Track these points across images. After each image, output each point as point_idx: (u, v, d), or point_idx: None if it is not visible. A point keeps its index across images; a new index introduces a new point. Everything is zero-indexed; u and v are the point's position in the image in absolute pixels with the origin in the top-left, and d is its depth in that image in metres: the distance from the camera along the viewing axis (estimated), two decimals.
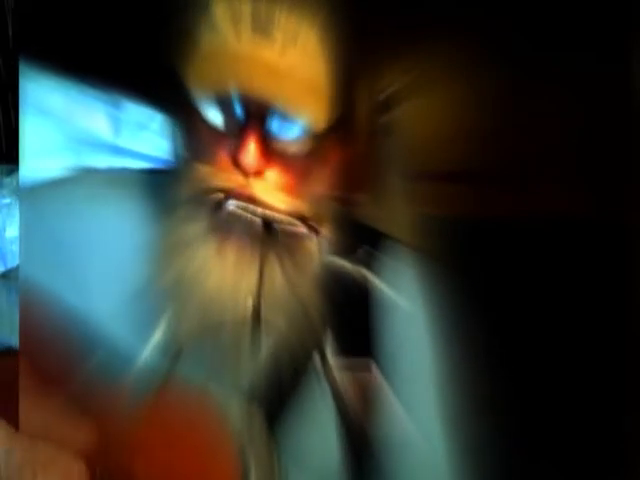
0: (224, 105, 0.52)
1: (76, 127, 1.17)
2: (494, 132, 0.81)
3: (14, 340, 0.61)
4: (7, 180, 0.68)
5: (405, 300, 0.61)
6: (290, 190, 0.54)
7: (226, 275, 0.54)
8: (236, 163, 0.53)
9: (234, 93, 0.52)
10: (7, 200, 0.67)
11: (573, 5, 0.75)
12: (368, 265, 0.61)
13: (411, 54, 0.76)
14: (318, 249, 0.57)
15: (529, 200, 0.80)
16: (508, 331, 0.80)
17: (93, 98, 1.16)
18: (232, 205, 0.53)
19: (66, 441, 0.48)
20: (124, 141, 1.19)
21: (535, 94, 0.79)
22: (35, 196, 0.61)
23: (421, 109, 0.79)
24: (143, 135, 1.16)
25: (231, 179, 0.53)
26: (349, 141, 0.56)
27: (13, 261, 0.66)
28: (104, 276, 0.58)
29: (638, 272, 0.74)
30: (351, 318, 0.60)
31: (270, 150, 0.53)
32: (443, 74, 0.80)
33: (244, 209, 0.53)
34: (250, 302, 0.54)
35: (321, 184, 0.56)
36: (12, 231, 0.67)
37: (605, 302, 0.78)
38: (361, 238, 0.61)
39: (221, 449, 0.51)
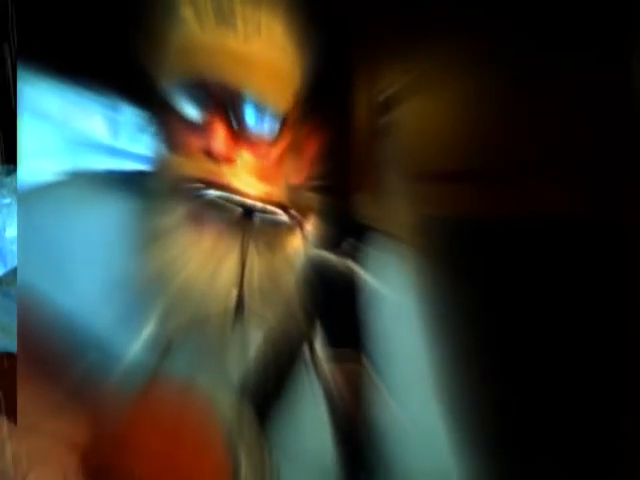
0: (193, 96, 0.53)
1: (74, 130, 1.16)
2: (494, 132, 0.81)
3: (7, 343, 0.60)
4: (7, 180, 0.68)
5: (392, 291, 0.61)
6: (263, 176, 0.54)
7: (210, 267, 0.54)
8: (207, 151, 0.53)
9: (201, 83, 0.52)
10: (7, 200, 0.67)
11: (573, 5, 0.75)
12: (353, 257, 0.61)
13: (411, 54, 0.76)
14: (303, 241, 0.57)
15: (529, 200, 0.80)
16: (509, 330, 0.80)
17: (90, 100, 1.16)
18: (212, 195, 0.53)
19: (60, 436, 0.48)
20: (122, 143, 1.18)
21: (535, 94, 0.79)
22: (31, 201, 0.61)
23: (421, 109, 0.79)
24: (141, 137, 1.16)
25: (204, 168, 0.53)
26: (323, 131, 0.56)
27: (13, 261, 0.65)
28: (98, 276, 0.58)
29: (638, 272, 0.74)
30: (338, 310, 0.60)
31: (239, 136, 0.53)
32: (443, 74, 0.80)
33: (224, 199, 0.53)
34: (234, 293, 0.54)
35: (296, 172, 0.56)
36: (12, 231, 0.66)
37: (605, 302, 0.78)
38: (346, 230, 0.62)
39: (212, 443, 0.51)
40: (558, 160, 0.79)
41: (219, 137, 0.53)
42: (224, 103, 0.53)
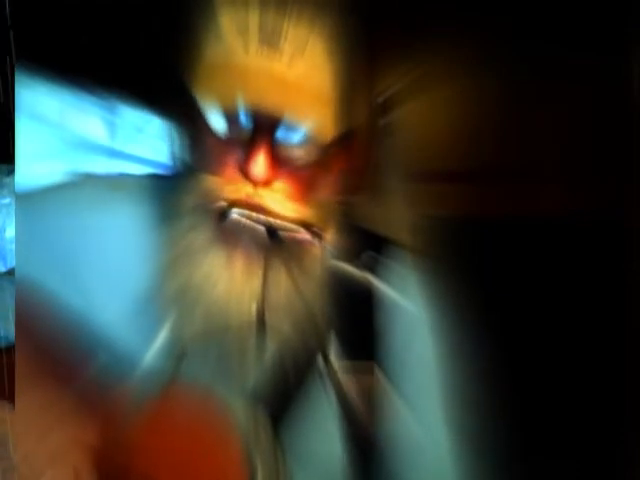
0: (232, 116, 0.52)
1: (72, 132, 1.16)
2: (494, 132, 0.81)
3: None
4: (7, 180, 0.68)
5: (409, 304, 0.61)
6: (297, 199, 0.54)
7: (230, 281, 0.54)
8: (245, 174, 0.52)
9: (242, 105, 0.51)
10: (7, 200, 0.67)
11: (572, 4, 0.75)
12: (372, 270, 0.61)
13: (411, 55, 0.76)
14: (322, 254, 0.57)
15: (529, 200, 0.80)
16: (510, 331, 0.80)
17: (89, 103, 1.16)
18: (236, 213, 0.53)
19: (74, 437, 0.48)
20: (120, 145, 1.18)
21: (534, 94, 0.80)
22: (34, 201, 0.60)
23: (421, 109, 0.79)
24: (140, 138, 1.16)
25: (239, 190, 0.53)
26: (355, 148, 0.56)
27: (13, 261, 0.65)
28: (106, 279, 0.57)
29: (638, 272, 0.74)
30: (355, 322, 0.60)
31: (278, 160, 0.53)
32: (443, 74, 0.80)
33: (248, 217, 0.53)
34: (254, 307, 0.54)
35: (326, 191, 0.56)
36: (12, 231, 0.66)
37: (605, 302, 0.78)
38: (365, 243, 0.61)
39: (227, 451, 0.51)
40: (558, 160, 0.79)
41: (259, 160, 0.52)
42: (263, 126, 0.52)
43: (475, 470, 0.61)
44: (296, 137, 0.53)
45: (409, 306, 0.61)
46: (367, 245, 0.61)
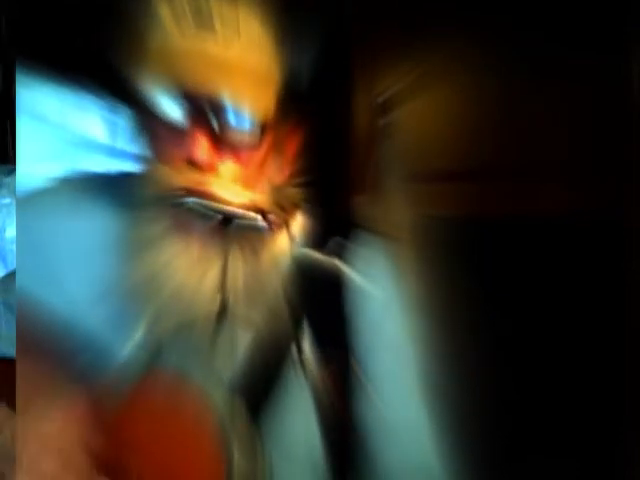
0: (175, 102, 0.53)
1: (72, 131, 1.16)
2: (494, 132, 0.81)
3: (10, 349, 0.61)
4: (7, 180, 0.68)
5: (379, 288, 0.61)
6: (247, 182, 0.54)
7: (196, 273, 0.54)
8: (189, 160, 0.53)
9: (182, 89, 0.52)
10: (7, 200, 0.67)
11: (572, 4, 0.75)
12: (340, 255, 0.61)
13: (411, 55, 0.76)
14: (288, 241, 0.57)
15: (529, 200, 0.80)
16: (510, 330, 0.80)
17: (89, 102, 1.15)
18: (191, 202, 0.53)
19: (63, 425, 0.48)
20: (121, 144, 1.18)
21: (534, 94, 0.79)
22: (26, 206, 0.61)
23: (421, 109, 0.79)
24: (138, 138, 1.15)
25: (188, 177, 0.53)
26: (303, 127, 0.56)
27: (13, 261, 0.66)
28: (89, 281, 0.58)
29: (638, 272, 0.74)
30: (326, 309, 0.60)
31: (221, 143, 0.53)
32: (443, 74, 0.80)
33: (203, 206, 0.53)
34: (218, 297, 0.54)
35: (281, 175, 0.56)
36: (12, 231, 0.66)
37: (605, 302, 0.78)
38: (332, 229, 0.61)
39: (205, 439, 0.52)
40: (558, 159, 0.79)
41: (201, 146, 0.53)
42: (205, 110, 0.52)
43: (449, 454, 0.61)
44: (239, 119, 0.53)
45: (378, 291, 0.61)
46: (334, 231, 0.61)
